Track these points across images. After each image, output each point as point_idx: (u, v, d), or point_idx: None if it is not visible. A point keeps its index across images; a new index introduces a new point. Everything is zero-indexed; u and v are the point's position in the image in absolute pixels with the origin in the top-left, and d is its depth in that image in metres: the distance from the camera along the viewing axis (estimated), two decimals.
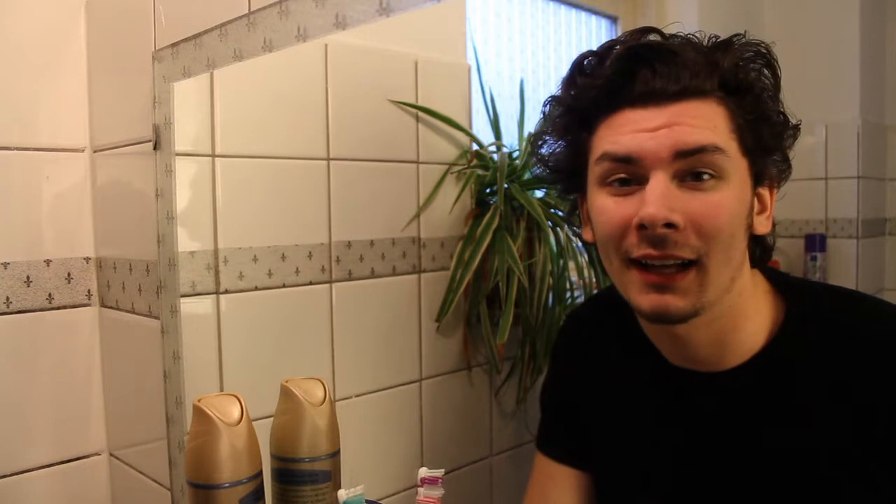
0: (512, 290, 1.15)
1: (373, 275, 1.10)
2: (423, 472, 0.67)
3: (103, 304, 1.15)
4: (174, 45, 0.94)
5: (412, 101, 1.15)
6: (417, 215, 1.16)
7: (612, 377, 0.79)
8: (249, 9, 0.82)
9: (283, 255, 1.01)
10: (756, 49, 0.66)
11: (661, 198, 0.61)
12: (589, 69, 0.68)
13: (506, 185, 1.18)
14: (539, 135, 0.76)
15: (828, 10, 1.59)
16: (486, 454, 1.29)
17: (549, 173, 0.77)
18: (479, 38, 1.44)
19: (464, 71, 1.25)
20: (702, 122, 0.62)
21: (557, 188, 0.81)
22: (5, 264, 1.05)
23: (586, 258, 1.26)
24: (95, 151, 1.14)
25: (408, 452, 1.17)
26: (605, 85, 0.66)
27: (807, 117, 0.70)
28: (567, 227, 1.24)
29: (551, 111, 0.73)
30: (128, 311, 1.09)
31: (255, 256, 0.98)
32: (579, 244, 1.26)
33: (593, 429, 0.80)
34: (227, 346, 0.96)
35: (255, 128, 0.99)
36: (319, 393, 0.76)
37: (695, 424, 0.71)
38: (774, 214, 0.70)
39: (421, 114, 1.16)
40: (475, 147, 1.24)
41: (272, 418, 0.77)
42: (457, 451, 1.24)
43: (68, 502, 1.13)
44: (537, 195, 1.23)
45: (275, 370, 0.87)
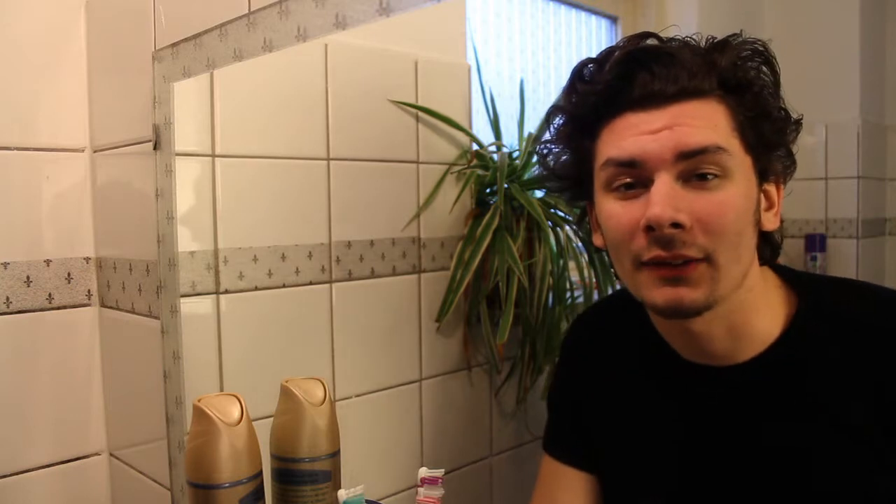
0: (512, 290, 1.15)
1: (373, 275, 1.10)
2: (423, 472, 0.67)
3: (103, 304, 1.15)
4: (174, 45, 0.94)
5: (412, 101, 1.15)
6: (417, 215, 1.16)
7: (621, 377, 0.79)
8: (249, 9, 0.82)
9: (283, 255, 1.01)
10: (753, 47, 0.66)
11: (667, 198, 0.61)
12: (588, 76, 0.69)
13: (506, 185, 1.18)
14: (544, 144, 0.76)
15: (828, 10, 1.59)
16: (486, 454, 1.29)
17: (556, 182, 0.77)
18: (479, 38, 1.44)
19: (464, 71, 1.25)
20: (703, 121, 0.63)
21: (566, 196, 0.82)
22: (5, 264, 1.05)
23: (586, 258, 1.26)
24: (95, 151, 1.14)
25: (408, 452, 1.17)
26: (605, 90, 0.66)
27: (807, 117, 0.70)
28: (567, 227, 1.25)
29: (554, 120, 0.74)
30: (128, 311, 1.09)
31: (255, 256, 0.98)
32: (579, 244, 1.26)
33: (601, 429, 0.80)
34: (227, 346, 0.96)
35: (255, 128, 0.99)
36: (319, 393, 0.76)
37: (707, 418, 0.71)
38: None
39: (421, 114, 1.16)
40: (475, 147, 1.24)
41: (272, 418, 0.77)
42: (457, 451, 1.24)
43: (68, 502, 1.13)
44: (537, 195, 1.23)
45: (275, 370, 0.87)
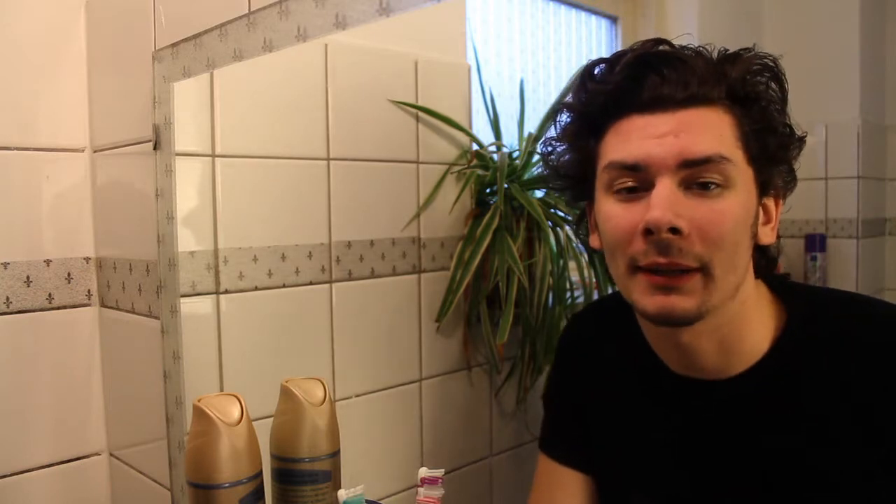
0: (512, 290, 1.15)
1: (373, 275, 1.10)
2: (423, 472, 0.67)
3: (103, 304, 1.15)
4: (174, 45, 0.94)
5: (412, 101, 1.15)
6: (417, 215, 1.16)
7: (613, 380, 0.79)
8: (249, 9, 0.82)
9: (283, 255, 1.01)
10: (764, 62, 0.66)
11: (667, 203, 0.61)
12: (599, 75, 0.69)
13: (506, 185, 1.18)
14: (547, 142, 0.76)
15: (828, 11, 1.58)
16: (486, 454, 1.29)
17: (558, 181, 0.77)
18: (479, 38, 1.44)
19: (464, 71, 1.25)
20: (708, 130, 0.63)
21: (566, 196, 0.81)
22: (5, 264, 1.05)
23: (586, 258, 1.26)
24: (95, 151, 1.14)
25: (408, 452, 1.17)
26: (614, 90, 0.66)
27: (807, 117, 0.70)
28: (567, 227, 1.25)
29: (560, 118, 0.73)
30: (128, 311, 1.09)
31: (255, 256, 0.98)
32: (579, 244, 1.26)
33: (596, 430, 0.80)
34: (227, 346, 0.96)
35: (255, 128, 0.99)
36: (319, 393, 0.76)
37: (697, 432, 0.70)
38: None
39: (421, 114, 1.16)
40: (475, 147, 1.24)
41: (272, 418, 0.77)
42: (457, 451, 1.24)
43: (68, 502, 1.13)
44: (537, 195, 1.23)
45: (275, 370, 0.87)
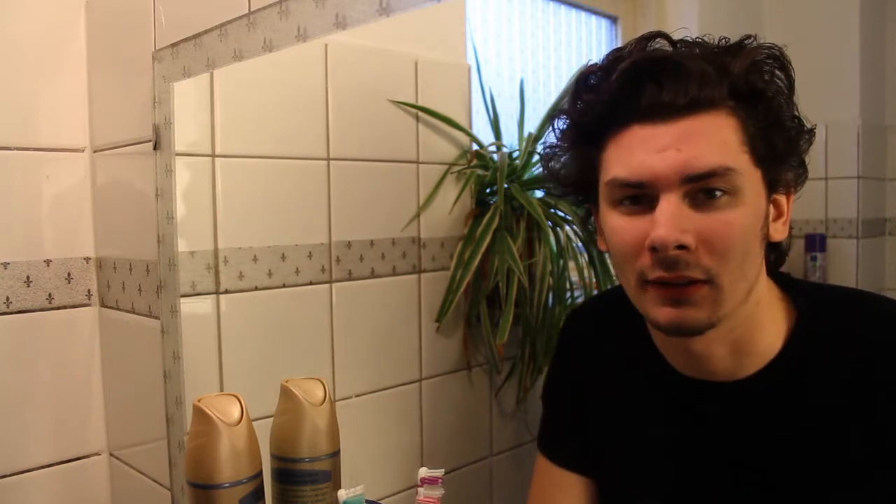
0: (512, 290, 1.15)
1: (373, 275, 1.10)
2: (423, 472, 0.67)
3: (103, 304, 1.15)
4: (174, 45, 0.94)
5: (412, 101, 1.15)
6: (417, 215, 1.16)
7: (615, 379, 0.78)
8: (249, 9, 0.82)
9: (283, 255, 1.01)
10: (769, 52, 0.64)
11: (672, 219, 0.60)
12: (594, 84, 0.67)
13: (506, 185, 1.18)
14: (547, 148, 0.74)
15: (828, 10, 1.58)
16: (486, 454, 1.29)
17: (560, 188, 0.75)
18: (479, 38, 1.43)
19: (464, 71, 1.25)
20: (711, 138, 0.61)
21: (571, 201, 0.80)
22: (5, 264, 1.05)
23: (586, 258, 1.26)
24: (95, 151, 1.14)
25: (408, 452, 1.17)
26: (611, 101, 0.64)
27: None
28: (567, 227, 1.24)
29: (558, 124, 0.72)
30: (128, 311, 1.09)
31: (255, 256, 0.98)
32: (579, 244, 1.26)
33: (598, 429, 0.79)
34: (227, 346, 0.96)
35: (255, 128, 0.99)
36: (319, 393, 0.76)
37: (703, 434, 0.70)
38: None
39: (421, 114, 1.16)
40: (475, 147, 1.24)
41: (272, 418, 0.77)
42: (457, 451, 1.24)
43: (68, 502, 1.13)
44: (537, 195, 1.23)
45: (275, 370, 0.87)
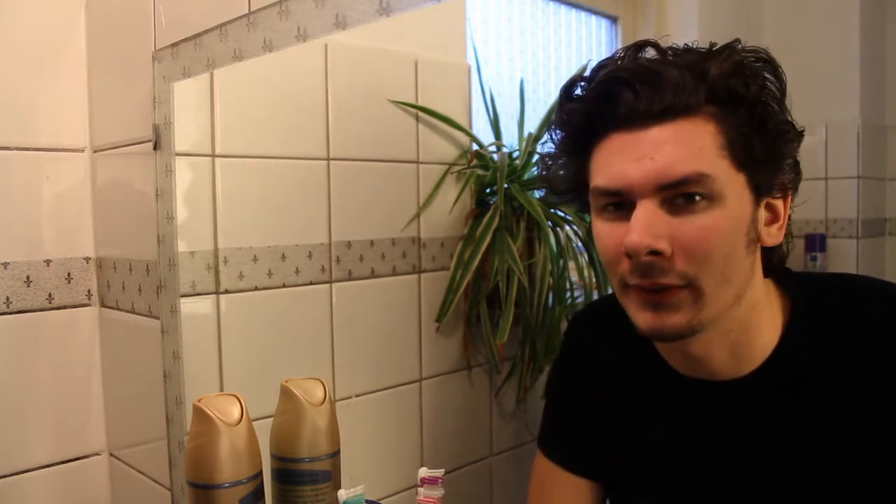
0: (512, 290, 1.15)
1: (373, 275, 1.10)
2: (423, 472, 0.67)
3: (103, 304, 1.15)
4: (174, 45, 0.94)
5: (412, 101, 1.15)
6: (417, 215, 1.16)
7: (616, 381, 0.79)
8: (249, 9, 0.82)
9: (283, 255, 1.01)
10: (753, 55, 0.63)
11: (646, 225, 0.60)
12: (575, 94, 0.68)
13: (506, 185, 1.18)
14: (543, 158, 0.75)
15: (828, 11, 1.58)
16: (486, 454, 1.29)
17: (555, 196, 0.76)
18: (479, 38, 1.43)
19: (464, 71, 1.25)
20: (686, 145, 0.60)
21: (575, 207, 0.80)
22: (5, 264, 1.05)
23: (586, 258, 1.26)
24: (95, 151, 1.14)
25: (408, 452, 1.17)
26: (590, 109, 0.65)
27: (807, 117, 0.69)
28: (567, 227, 1.25)
29: (552, 133, 0.73)
30: (128, 311, 1.09)
31: (255, 256, 0.98)
32: (579, 244, 1.26)
33: (601, 431, 0.80)
34: (227, 346, 0.96)
35: (255, 128, 0.99)
36: (319, 393, 0.76)
37: (704, 433, 0.70)
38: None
39: (421, 114, 1.16)
40: (475, 147, 1.24)
41: (272, 418, 0.77)
42: (457, 451, 1.24)
43: (68, 502, 1.13)
44: (537, 195, 1.23)
45: (275, 370, 0.87)
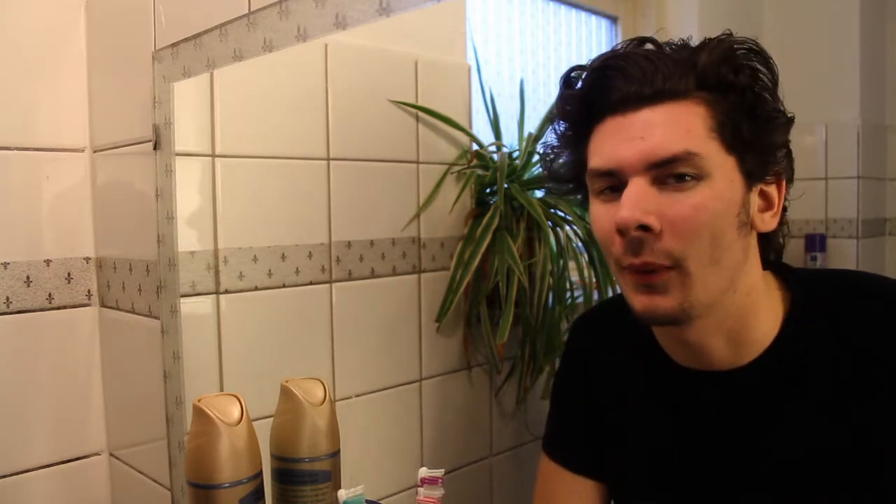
0: (512, 290, 1.15)
1: (373, 275, 1.10)
2: (423, 472, 0.67)
3: (103, 304, 1.15)
4: (174, 45, 0.94)
5: (412, 101, 1.15)
6: (417, 215, 1.16)
7: (621, 382, 0.79)
8: (249, 9, 0.82)
9: (283, 255, 1.01)
10: (744, 45, 0.65)
11: (635, 201, 0.62)
12: (571, 82, 0.70)
13: (506, 185, 1.18)
14: (545, 149, 0.77)
15: (828, 10, 1.58)
16: (486, 454, 1.29)
17: (559, 186, 0.78)
18: (479, 38, 1.43)
19: (464, 71, 1.25)
20: (676, 126, 0.63)
21: (570, 199, 0.82)
22: (5, 264, 1.05)
23: (586, 258, 1.26)
24: (95, 151, 1.14)
25: (408, 452, 1.17)
26: (585, 95, 0.68)
27: (807, 117, 0.69)
28: (567, 227, 1.25)
29: (553, 125, 0.75)
30: (128, 311, 1.09)
31: (255, 256, 0.98)
32: (579, 244, 1.26)
33: (605, 431, 0.80)
34: (227, 346, 0.96)
35: (255, 128, 0.99)
36: (319, 393, 0.76)
37: (707, 423, 0.71)
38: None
39: (421, 114, 1.16)
40: (475, 147, 1.24)
41: (272, 418, 0.77)
42: (457, 451, 1.24)
43: (68, 502, 1.13)
44: (537, 195, 1.23)
45: (275, 370, 0.87)
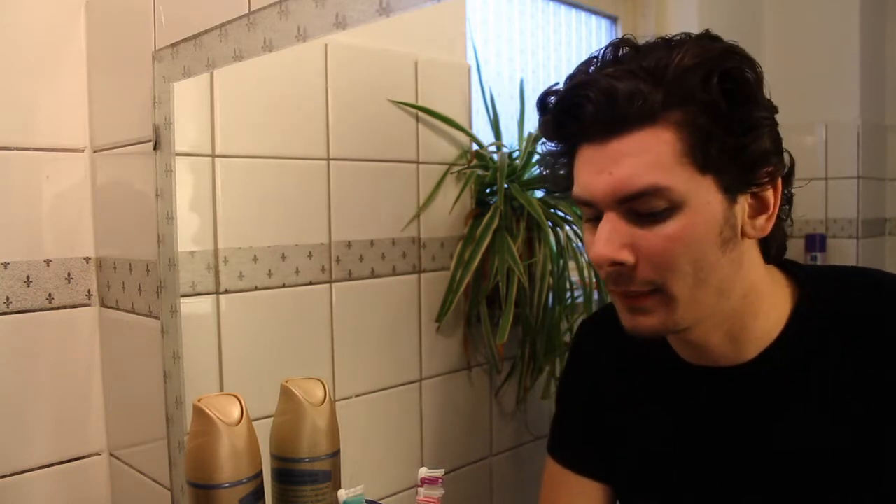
0: (512, 290, 1.15)
1: (373, 275, 1.10)
2: (423, 472, 0.67)
3: (103, 304, 1.15)
4: (174, 45, 0.94)
5: (412, 101, 1.15)
6: (417, 215, 1.16)
7: (628, 379, 0.80)
8: (249, 9, 0.82)
9: (283, 255, 1.01)
10: (715, 49, 0.61)
11: (608, 238, 0.63)
12: (546, 107, 0.68)
13: (506, 185, 1.18)
14: (544, 155, 0.76)
15: (828, 10, 1.59)
16: (486, 454, 1.29)
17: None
18: (479, 38, 1.43)
19: (464, 71, 1.25)
20: (642, 158, 0.61)
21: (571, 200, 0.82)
22: (5, 264, 1.05)
23: (586, 258, 1.25)
24: (95, 151, 1.14)
25: (408, 452, 1.17)
26: (559, 122, 0.66)
27: (807, 117, 0.69)
28: (567, 227, 1.25)
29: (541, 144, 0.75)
30: (128, 311, 1.09)
31: (255, 256, 0.98)
32: (579, 244, 1.26)
33: (610, 432, 0.80)
34: (227, 346, 0.96)
35: (255, 128, 0.99)
36: (319, 393, 0.76)
37: (711, 419, 0.71)
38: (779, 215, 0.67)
39: (421, 114, 1.16)
40: (475, 147, 1.24)
41: (272, 418, 0.77)
42: (457, 451, 1.24)
43: (68, 502, 1.13)
44: (537, 195, 1.23)
45: (275, 370, 0.87)
